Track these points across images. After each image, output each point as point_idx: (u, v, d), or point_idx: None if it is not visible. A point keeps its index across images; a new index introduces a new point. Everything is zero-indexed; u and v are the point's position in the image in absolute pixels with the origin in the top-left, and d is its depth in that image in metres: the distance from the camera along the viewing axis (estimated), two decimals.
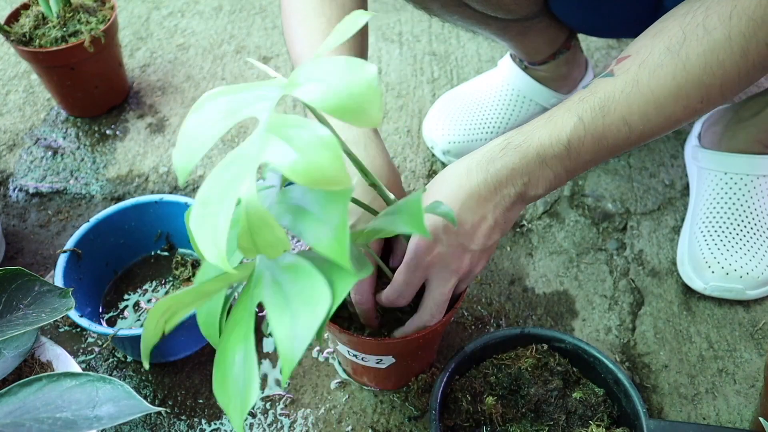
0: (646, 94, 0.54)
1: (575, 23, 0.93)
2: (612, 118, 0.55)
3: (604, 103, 0.55)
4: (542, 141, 0.57)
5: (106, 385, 0.56)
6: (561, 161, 0.57)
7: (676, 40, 0.53)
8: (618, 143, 0.56)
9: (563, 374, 0.67)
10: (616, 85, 0.55)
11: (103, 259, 0.84)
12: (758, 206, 0.84)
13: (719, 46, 0.52)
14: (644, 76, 0.54)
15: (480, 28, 0.90)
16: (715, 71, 0.53)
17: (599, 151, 0.57)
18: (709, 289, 0.81)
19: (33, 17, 1.05)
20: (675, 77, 0.53)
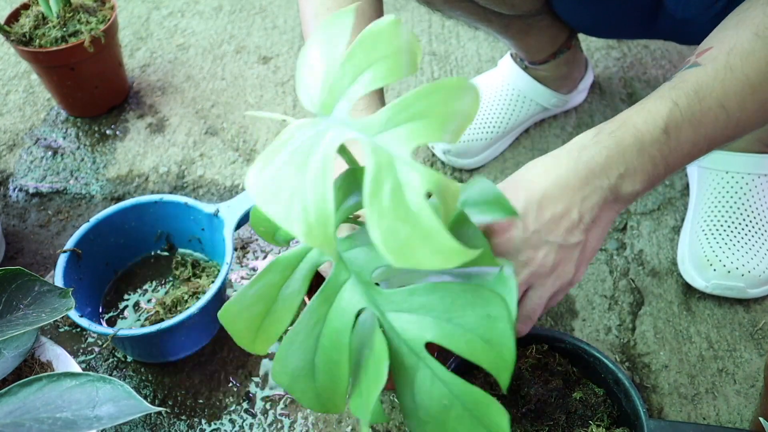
0: (740, 79, 0.51)
1: (576, 22, 0.93)
2: (709, 103, 0.52)
3: (698, 88, 0.52)
4: (638, 126, 0.52)
5: (106, 385, 0.56)
6: (660, 150, 0.52)
7: (763, 26, 0.51)
8: (716, 132, 0.53)
9: (563, 374, 0.67)
10: (707, 72, 0.52)
11: (103, 259, 0.84)
12: (759, 205, 0.84)
13: None
14: (736, 62, 0.52)
15: (482, 25, 0.90)
16: None
17: (698, 141, 0.53)
18: (710, 287, 0.81)
19: (33, 17, 1.05)
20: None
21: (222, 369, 0.80)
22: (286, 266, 0.46)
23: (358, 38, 0.41)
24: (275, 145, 0.38)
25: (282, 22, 1.31)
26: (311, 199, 0.35)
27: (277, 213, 0.34)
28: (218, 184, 1.01)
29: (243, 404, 0.77)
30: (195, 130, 1.10)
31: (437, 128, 0.36)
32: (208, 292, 0.74)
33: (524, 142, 1.04)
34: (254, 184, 0.36)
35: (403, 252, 0.33)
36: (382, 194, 0.35)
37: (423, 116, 0.37)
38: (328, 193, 0.35)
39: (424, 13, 1.30)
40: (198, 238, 0.86)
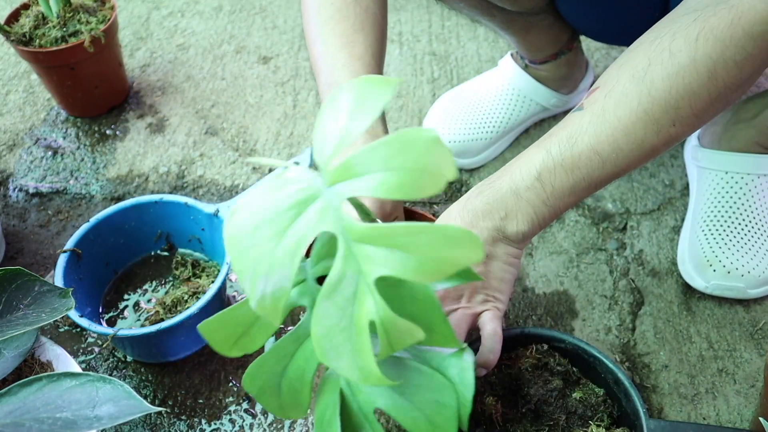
0: (612, 122, 0.54)
1: (580, 25, 0.93)
2: (581, 148, 0.55)
3: (572, 134, 0.56)
4: (513, 176, 0.59)
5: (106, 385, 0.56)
6: (537, 195, 0.58)
7: (641, 67, 0.53)
8: (593, 174, 0.56)
9: (563, 374, 0.67)
10: (583, 117, 0.56)
11: (103, 259, 0.84)
12: (759, 205, 0.84)
13: (684, 69, 0.52)
14: (610, 105, 0.54)
15: (485, 19, 0.90)
16: (683, 94, 0.52)
17: (576, 184, 0.56)
18: (710, 287, 0.81)
19: (33, 17, 1.05)
20: (641, 103, 0.53)
21: (222, 369, 0.80)
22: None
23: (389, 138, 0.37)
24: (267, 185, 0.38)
25: (282, 22, 1.31)
26: (276, 272, 0.36)
27: (240, 269, 0.36)
28: (218, 184, 1.01)
29: (243, 404, 0.77)
30: (195, 130, 1.10)
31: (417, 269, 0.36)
32: (208, 292, 0.74)
33: (524, 142, 1.04)
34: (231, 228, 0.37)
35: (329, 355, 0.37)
36: (336, 299, 0.37)
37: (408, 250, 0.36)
38: (292, 273, 0.36)
39: (424, 13, 1.30)
40: (198, 238, 0.86)
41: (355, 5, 0.71)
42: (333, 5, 0.71)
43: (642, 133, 0.54)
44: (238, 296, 0.87)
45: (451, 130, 0.99)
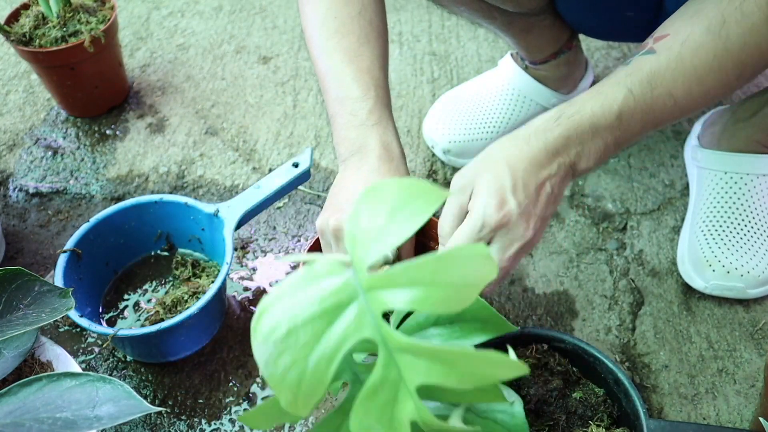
0: (689, 70, 0.57)
1: (578, 24, 0.93)
2: (659, 92, 0.58)
3: (652, 77, 0.58)
4: (594, 111, 0.59)
5: (106, 385, 0.56)
6: (612, 132, 0.59)
7: (716, 21, 0.56)
8: (663, 116, 0.59)
9: (563, 374, 0.67)
10: (660, 61, 0.58)
11: (103, 259, 0.84)
12: (759, 205, 0.84)
13: (757, 29, 0.56)
14: (687, 54, 0.57)
15: (485, 21, 0.90)
16: (753, 52, 0.56)
17: (646, 123, 0.59)
18: (709, 288, 0.81)
19: (33, 17, 1.05)
20: (716, 56, 0.57)
21: (222, 369, 0.80)
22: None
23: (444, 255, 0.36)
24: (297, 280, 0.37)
25: (282, 22, 1.31)
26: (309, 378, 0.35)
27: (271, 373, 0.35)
28: (218, 184, 1.01)
29: (243, 404, 0.77)
30: (195, 130, 1.10)
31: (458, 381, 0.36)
32: (208, 292, 0.74)
33: None
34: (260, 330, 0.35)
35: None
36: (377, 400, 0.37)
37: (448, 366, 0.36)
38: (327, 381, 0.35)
39: (424, 13, 1.30)
40: (198, 238, 0.86)
41: (360, 18, 0.71)
42: (337, 19, 0.71)
43: (712, 82, 0.58)
44: (238, 296, 0.87)
45: (452, 129, 0.99)
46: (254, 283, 0.88)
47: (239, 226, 0.81)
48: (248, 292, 0.88)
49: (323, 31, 0.72)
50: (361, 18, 0.71)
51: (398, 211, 0.37)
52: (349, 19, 0.71)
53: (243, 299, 0.87)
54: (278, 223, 0.96)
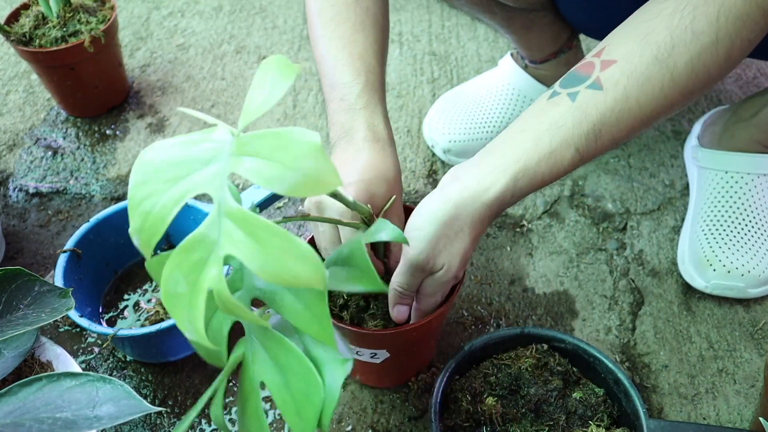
0: (634, 109, 0.54)
1: (577, 22, 0.93)
2: (603, 140, 0.55)
3: (598, 127, 0.55)
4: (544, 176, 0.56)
5: (106, 385, 0.56)
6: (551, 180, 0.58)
7: (664, 47, 0.53)
8: (600, 151, 0.57)
9: (563, 374, 0.67)
10: (606, 103, 0.54)
11: (103, 259, 0.84)
12: (759, 205, 0.84)
13: (705, 51, 0.52)
14: (633, 90, 0.54)
15: (486, 17, 0.90)
16: (701, 77, 0.53)
17: (583, 160, 0.57)
18: (710, 287, 0.81)
19: (33, 17, 1.05)
20: (663, 88, 0.53)
21: (221, 370, 0.80)
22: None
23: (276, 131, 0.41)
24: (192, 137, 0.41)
25: (282, 22, 1.31)
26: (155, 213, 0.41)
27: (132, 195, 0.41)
28: None
29: None
30: (195, 130, 1.10)
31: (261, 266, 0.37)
32: None
33: None
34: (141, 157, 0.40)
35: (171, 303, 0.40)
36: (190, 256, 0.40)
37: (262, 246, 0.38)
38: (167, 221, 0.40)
39: (424, 13, 1.30)
40: None
41: (356, 6, 0.71)
42: (333, 7, 0.72)
43: (657, 117, 0.55)
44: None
45: (451, 130, 0.99)
46: None
47: None
48: None
49: (321, 19, 0.72)
50: (357, 6, 0.72)
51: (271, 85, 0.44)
52: (345, 6, 0.71)
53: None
54: None
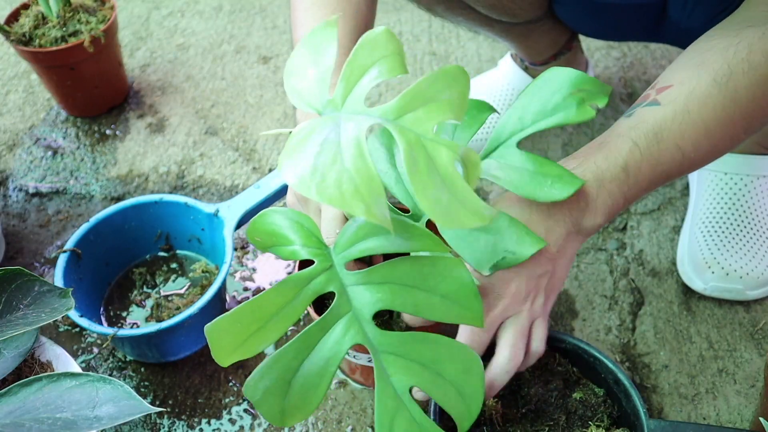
0: (697, 122, 0.55)
1: (580, 28, 0.93)
2: (666, 144, 0.55)
3: (658, 130, 0.55)
4: (599, 164, 0.55)
5: (106, 385, 0.56)
6: (619, 186, 0.56)
7: (722, 72, 0.54)
8: (672, 169, 0.57)
9: (563, 374, 0.67)
10: (666, 113, 0.55)
11: (103, 259, 0.84)
12: (758, 206, 0.84)
13: (765, 81, 0.54)
14: (694, 106, 0.55)
15: (483, 30, 0.91)
16: (762, 103, 0.55)
17: (655, 177, 0.56)
18: (708, 289, 0.81)
19: (33, 17, 1.05)
20: (724, 108, 0.55)
21: (222, 369, 0.80)
22: (293, 287, 0.48)
23: (359, 43, 0.44)
24: (296, 141, 0.40)
25: (282, 22, 1.31)
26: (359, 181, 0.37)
27: (332, 198, 0.37)
28: (218, 184, 1.01)
29: (243, 404, 0.77)
30: (195, 130, 1.10)
31: (447, 109, 0.42)
32: (208, 292, 0.74)
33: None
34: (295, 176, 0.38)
35: (448, 216, 0.38)
36: (419, 167, 0.39)
37: (433, 100, 0.42)
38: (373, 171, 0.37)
39: (424, 13, 1.30)
40: (198, 238, 0.86)
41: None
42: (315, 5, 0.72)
43: (720, 135, 0.56)
44: (238, 296, 0.87)
45: None
46: (254, 283, 0.88)
47: (239, 226, 0.81)
48: (248, 292, 0.88)
49: (301, 5, 0.72)
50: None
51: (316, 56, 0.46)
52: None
53: (243, 299, 0.87)
54: None
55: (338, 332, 0.47)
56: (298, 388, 0.46)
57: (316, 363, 0.46)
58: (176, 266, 0.88)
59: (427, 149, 0.40)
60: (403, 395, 0.45)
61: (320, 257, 0.50)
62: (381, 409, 0.45)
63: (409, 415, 0.44)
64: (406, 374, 0.45)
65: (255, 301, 0.46)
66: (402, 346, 0.46)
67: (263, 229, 0.52)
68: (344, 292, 0.48)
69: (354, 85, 0.43)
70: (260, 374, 0.45)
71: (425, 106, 0.42)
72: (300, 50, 0.47)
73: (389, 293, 0.47)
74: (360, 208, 0.36)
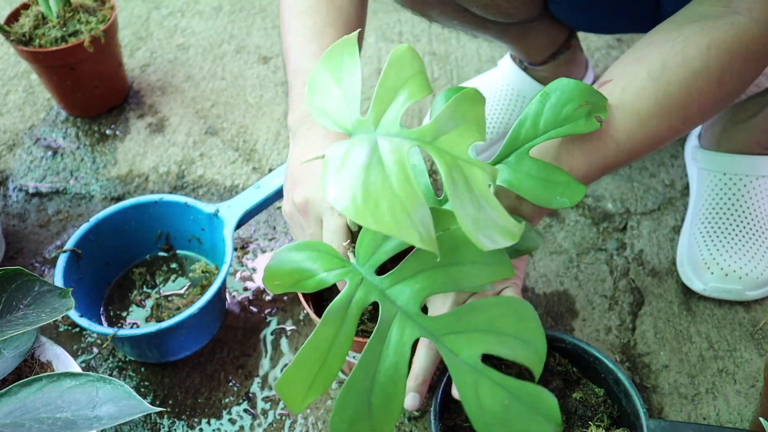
0: (630, 113, 0.57)
1: (576, 23, 0.93)
2: (599, 134, 0.58)
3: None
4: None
5: (106, 385, 0.56)
6: None
7: (656, 66, 0.57)
8: (607, 159, 0.59)
9: (563, 374, 0.67)
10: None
11: (103, 259, 0.84)
12: (757, 207, 0.84)
13: (698, 75, 0.57)
14: (627, 98, 0.58)
15: (479, 32, 0.91)
16: (695, 96, 0.57)
17: (591, 167, 0.59)
18: (708, 290, 0.81)
19: (33, 17, 1.05)
20: (657, 99, 0.57)
21: (222, 369, 0.80)
22: (338, 316, 0.49)
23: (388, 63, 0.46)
24: (336, 165, 0.40)
25: None
26: (411, 208, 0.38)
27: (390, 228, 0.38)
28: (218, 184, 1.01)
29: (243, 404, 0.77)
30: (195, 130, 1.10)
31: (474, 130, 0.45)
32: (208, 292, 0.74)
33: None
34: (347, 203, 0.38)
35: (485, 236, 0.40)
36: (459, 187, 0.41)
37: (462, 122, 0.45)
38: (421, 197, 0.39)
39: None
40: (198, 238, 0.86)
41: (329, 3, 0.72)
42: (306, 1, 0.72)
43: (656, 126, 0.58)
44: (238, 296, 0.87)
45: None
46: (254, 284, 0.88)
47: (239, 226, 0.81)
48: (248, 292, 0.88)
49: (292, 11, 0.73)
50: (331, 3, 0.72)
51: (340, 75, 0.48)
52: (317, 1, 0.72)
53: (243, 299, 0.87)
54: (278, 223, 0.96)
55: (395, 335, 0.48)
56: (378, 403, 0.47)
57: (386, 373, 0.47)
58: (176, 266, 0.88)
59: (463, 170, 0.43)
60: (476, 366, 0.46)
61: (348, 275, 0.51)
62: (462, 385, 0.46)
63: (489, 381, 0.46)
64: (471, 346, 0.47)
65: (309, 344, 0.47)
66: (457, 322, 0.48)
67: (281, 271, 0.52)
68: (385, 297, 0.50)
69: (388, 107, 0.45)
70: (341, 407, 0.47)
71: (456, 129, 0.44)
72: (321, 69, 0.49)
73: (426, 280, 0.49)
74: (415, 237, 0.38)
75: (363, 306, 0.49)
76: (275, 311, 0.85)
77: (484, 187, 0.43)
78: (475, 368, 0.46)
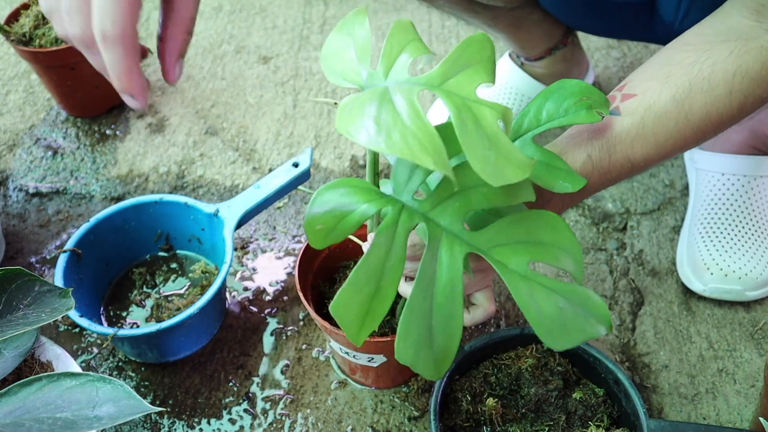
0: (649, 137, 0.59)
1: (564, 18, 0.93)
2: (617, 157, 0.59)
3: (613, 143, 0.59)
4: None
5: (106, 385, 0.56)
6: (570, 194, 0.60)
7: (682, 90, 0.58)
8: (620, 176, 0.61)
9: (563, 374, 0.67)
10: (623, 126, 0.59)
11: (103, 259, 0.84)
12: (756, 207, 0.84)
13: (720, 101, 0.58)
14: (650, 120, 0.58)
15: (469, 17, 0.90)
16: (714, 122, 0.58)
17: (603, 183, 0.61)
18: (708, 290, 0.81)
19: (33, 17, 1.05)
20: (677, 124, 0.58)
21: (222, 369, 0.80)
22: (386, 237, 0.48)
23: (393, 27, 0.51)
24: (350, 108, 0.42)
25: (282, 22, 1.31)
26: (423, 137, 0.40)
27: (402, 151, 0.39)
28: (218, 184, 1.01)
29: (243, 404, 0.77)
30: (195, 130, 1.10)
31: (483, 72, 0.47)
32: (208, 292, 0.74)
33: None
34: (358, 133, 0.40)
35: (496, 173, 0.41)
36: (468, 128, 0.42)
37: (469, 65, 0.47)
38: (432, 129, 0.40)
39: (424, 14, 1.30)
40: (198, 238, 0.86)
41: None
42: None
43: (670, 148, 0.59)
44: (238, 296, 0.87)
45: None
46: (254, 283, 0.88)
47: (239, 226, 0.81)
48: (248, 292, 0.88)
49: None
50: None
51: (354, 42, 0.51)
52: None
53: (243, 299, 0.87)
54: (278, 223, 0.96)
55: (445, 254, 0.48)
56: (439, 327, 0.47)
57: (443, 292, 0.47)
58: (176, 266, 0.88)
59: (472, 110, 0.44)
60: (526, 273, 0.48)
61: (389, 203, 0.50)
62: (519, 296, 0.47)
63: (542, 287, 0.47)
64: (518, 255, 0.48)
65: (362, 264, 0.46)
66: (500, 235, 0.49)
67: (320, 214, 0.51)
68: (429, 219, 0.50)
69: (395, 59, 0.48)
70: (405, 331, 0.46)
71: (464, 72, 0.46)
72: (334, 36, 0.52)
73: (464, 198, 0.50)
74: (429, 161, 0.39)
75: (409, 229, 0.50)
76: (275, 311, 0.85)
77: (495, 126, 0.44)
78: (526, 276, 0.48)
